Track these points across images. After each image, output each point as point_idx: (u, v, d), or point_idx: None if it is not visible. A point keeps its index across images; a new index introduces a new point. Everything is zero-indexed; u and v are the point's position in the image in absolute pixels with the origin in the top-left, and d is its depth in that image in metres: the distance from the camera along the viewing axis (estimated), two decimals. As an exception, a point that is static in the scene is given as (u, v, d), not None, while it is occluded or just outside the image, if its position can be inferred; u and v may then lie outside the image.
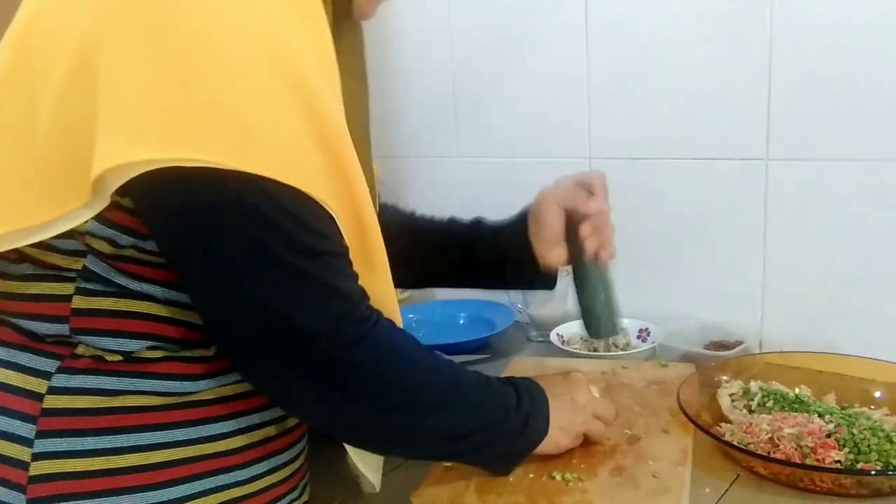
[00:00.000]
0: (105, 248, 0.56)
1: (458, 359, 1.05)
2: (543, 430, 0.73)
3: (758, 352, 1.05)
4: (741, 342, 1.05)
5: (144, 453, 0.56)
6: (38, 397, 0.55)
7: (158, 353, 0.58)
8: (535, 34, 1.23)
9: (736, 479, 0.77)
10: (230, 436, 0.60)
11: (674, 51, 1.09)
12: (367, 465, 0.73)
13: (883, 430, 0.76)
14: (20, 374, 0.57)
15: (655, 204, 1.16)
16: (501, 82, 1.30)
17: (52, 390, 0.56)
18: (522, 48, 1.26)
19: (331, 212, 0.55)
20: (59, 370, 0.56)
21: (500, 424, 0.69)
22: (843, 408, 0.85)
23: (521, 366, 1.07)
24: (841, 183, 0.99)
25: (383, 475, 0.82)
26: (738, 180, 1.07)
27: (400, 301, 1.49)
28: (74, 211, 0.53)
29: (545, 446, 0.74)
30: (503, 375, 1.03)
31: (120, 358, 0.57)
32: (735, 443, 0.78)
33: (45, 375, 0.56)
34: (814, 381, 0.91)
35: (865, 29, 0.94)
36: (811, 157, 1.01)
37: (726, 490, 0.75)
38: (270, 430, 0.64)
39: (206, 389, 0.60)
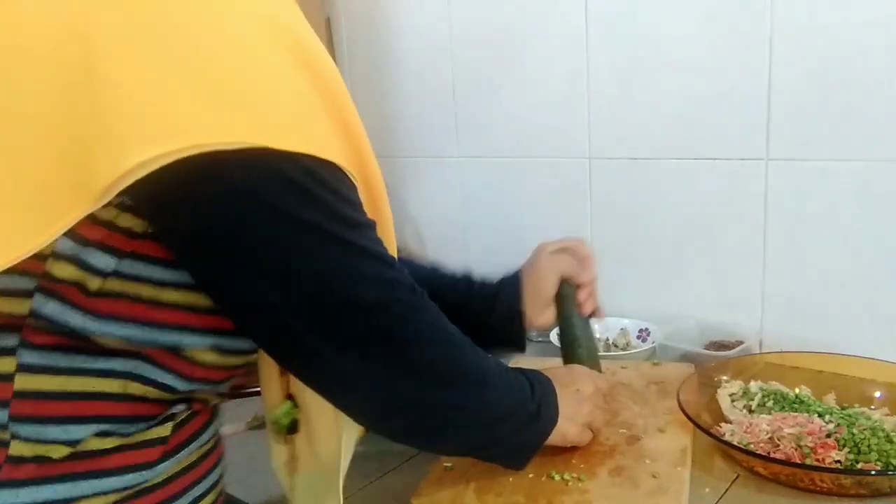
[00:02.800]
0: (74, 274, 0.48)
1: (457, 359, 1.05)
2: (553, 420, 0.73)
3: (758, 352, 1.05)
4: (741, 342, 1.05)
5: None
6: None
7: (109, 443, 0.50)
8: (535, 34, 1.23)
9: (736, 479, 0.77)
10: None
11: (674, 51, 1.09)
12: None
13: (883, 430, 0.76)
14: None
15: (655, 204, 1.16)
16: (501, 82, 1.30)
17: None
18: (522, 48, 1.26)
19: (354, 181, 0.53)
20: (3, 485, 0.47)
21: (518, 413, 0.68)
22: (843, 408, 0.85)
23: (521, 366, 1.07)
24: (841, 183, 0.99)
25: (381, 477, 0.82)
26: (738, 180, 1.07)
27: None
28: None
29: (554, 437, 0.73)
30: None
31: (66, 452, 0.49)
32: (735, 443, 0.78)
33: None
34: (814, 381, 0.91)
35: (865, 29, 0.94)
36: (811, 157, 1.01)
37: (726, 490, 0.75)
38: (215, 495, 0.61)
39: (163, 472, 0.54)
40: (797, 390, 0.89)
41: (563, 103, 1.22)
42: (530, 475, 0.76)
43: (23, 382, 0.48)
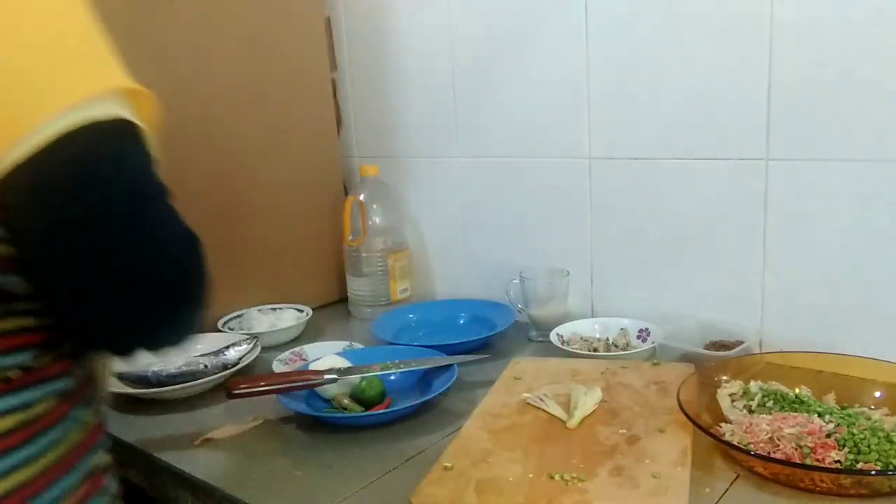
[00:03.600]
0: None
1: (458, 359, 1.05)
2: None
3: (758, 352, 1.05)
4: (741, 342, 1.05)
5: (41, 458, 0.57)
6: None
7: (46, 360, 0.58)
8: (535, 34, 1.24)
9: (736, 479, 0.77)
10: (89, 413, 0.63)
11: (674, 51, 1.09)
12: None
13: (883, 430, 0.76)
14: None
15: (655, 204, 1.16)
16: (501, 82, 1.30)
17: None
18: (522, 48, 1.26)
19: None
20: None
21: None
22: (843, 408, 0.85)
23: (521, 366, 1.07)
24: (841, 183, 0.99)
25: (381, 477, 0.82)
26: (738, 180, 1.07)
27: (400, 301, 1.51)
28: None
29: None
30: (503, 375, 1.04)
31: (20, 373, 0.56)
32: (735, 443, 0.78)
33: None
34: (814, 381, 0.91)
35: (866, 29, 0.94)
36: (811, 157, 1.01)
37: (726, 490, 0.75)
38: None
39: (79, 378, 0.62)
40: (797, 390, 0.89)
41: (563, 103, 1.22)
42: (530, 475, 0.76)
43: None
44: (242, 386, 0.96)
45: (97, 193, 0.52)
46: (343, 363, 1.03)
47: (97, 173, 0.51)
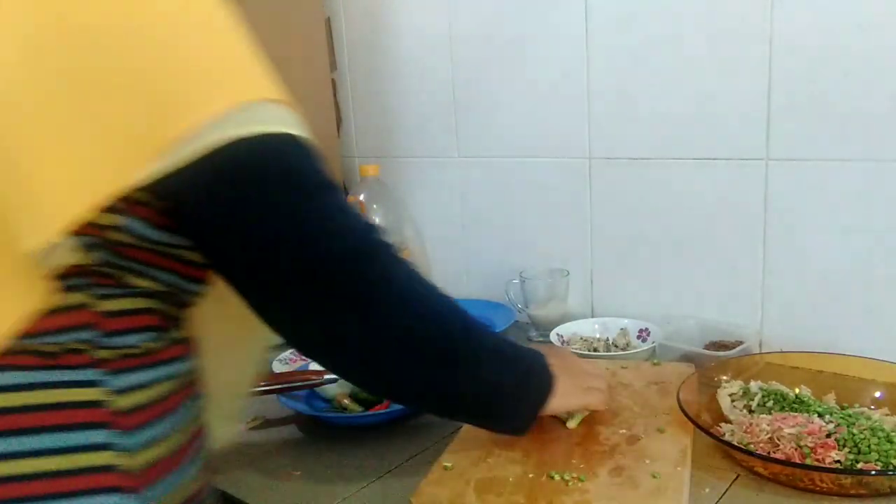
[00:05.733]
0: (126, 238, 0.55)
1: (457, 359, 1.05)
2: (549, 379, 0.77)
3: (758, 352, 1.05)
4: (741, 342, 1.05)
5: (173, 436, 0.59)
6: (103, 404, 0.54)
7: (160, 343, 0.59)
8: (534, 34, 1.24)
9: (736, 479, 0.77)
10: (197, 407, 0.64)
11: (674, 50, 1.09)
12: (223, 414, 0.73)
13: (883, 430, 0.76)
14: (67, 389, 0.54)
15: (655, 204, 1.16)
16: (501, 82, 1.30)
17: (115, 393, 0.55)
18: (522, 48, 1.26)
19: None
20: (106, 374, 0.55)
21: (508, 366, 0.73)
22: (843, 408, 0.85)
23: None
24: (841, 183, 0.99)
25: (381, 477, 0.82)
26: (738, 180, 1.07)
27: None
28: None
29: (554, 400, 0.77)
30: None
31: (140, 351, 0.57)
32: (735, 443, 0.78)
33: (93, 384, 0.54)
34: (814, 381, 0.91)
35: (866, 29, 0.94)
36: (811, 157, 1.01)
37: (726, 490, 0.75)
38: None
39: (192, 367, 0.63)
40: (797, 390, 0.89)
41: (563, 103, 1.22)
42: (530, 475, 0.76)
43: (104, 305, 0.55)
44: (242, 386, 0.96)
45: (266, 190, 0.56)
46: (343, 363, 1.03)
47: (268, 171, 0.56)
